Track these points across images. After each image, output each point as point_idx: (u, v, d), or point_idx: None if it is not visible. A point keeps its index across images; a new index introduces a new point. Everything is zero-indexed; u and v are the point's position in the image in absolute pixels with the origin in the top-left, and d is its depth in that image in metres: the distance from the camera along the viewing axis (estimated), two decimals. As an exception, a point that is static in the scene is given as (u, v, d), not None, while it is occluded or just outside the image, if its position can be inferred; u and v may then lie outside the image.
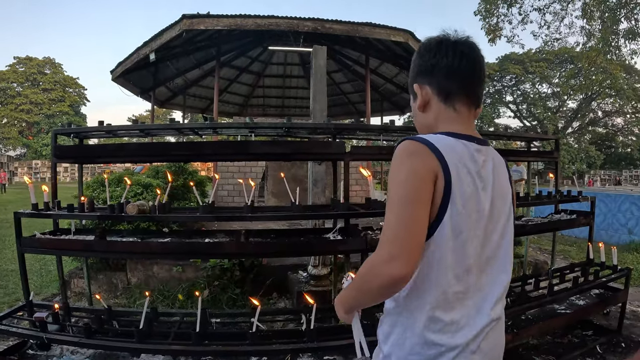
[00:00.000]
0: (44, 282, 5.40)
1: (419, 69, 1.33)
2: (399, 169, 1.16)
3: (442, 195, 1.15)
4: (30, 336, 2.72)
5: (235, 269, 4.51)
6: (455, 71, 1.27)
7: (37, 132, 45.11)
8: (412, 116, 1.41)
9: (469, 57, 1.28)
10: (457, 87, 1.28)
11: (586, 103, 38.93)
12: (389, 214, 1.13)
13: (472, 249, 1.19)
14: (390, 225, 1.12)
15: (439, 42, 1.30)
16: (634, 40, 11.57)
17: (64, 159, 3.45)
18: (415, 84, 1.33)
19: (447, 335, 1.17)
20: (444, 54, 1.27)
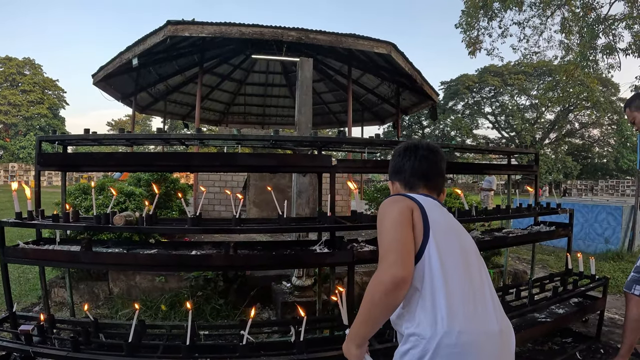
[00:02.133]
0: (22, 290, 5.29)
1: (391, 169, 1.86)
2: (386, 211, 1.58)
3: (422, 221, 1.53)
4: (15, 349, 2.66)
5: (219, 280, 4.49)
6: (416, 170, 1.76)
7: (15, 134, 44.12)
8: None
9: (427, 158, 1.77)
10: (417, 181, 1.76)
11: (563, 115, 39.73)
12: (383, 240, 1.50)
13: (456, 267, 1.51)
14: (384, 245, 1.48)
15: (406, 148, 1.82)
16: (611, 54, 11.89)
17: (48, 167, 3.40)
18: (389, 180, 1.90)
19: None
20: (407, 157, 1.79)
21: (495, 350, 1.42)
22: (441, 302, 1.41)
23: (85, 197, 5.18)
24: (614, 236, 8.55)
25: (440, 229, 1.54)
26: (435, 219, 1.55)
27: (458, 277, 1.46)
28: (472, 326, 1.40)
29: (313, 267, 3.79)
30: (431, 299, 1.42)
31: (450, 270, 1.46)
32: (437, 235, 1.51)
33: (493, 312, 1.46)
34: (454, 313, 1.39)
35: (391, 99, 12.79)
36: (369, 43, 8.82)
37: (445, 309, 1.39)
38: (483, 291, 1.50)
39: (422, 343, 1.39)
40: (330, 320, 3.15)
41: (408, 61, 9.79)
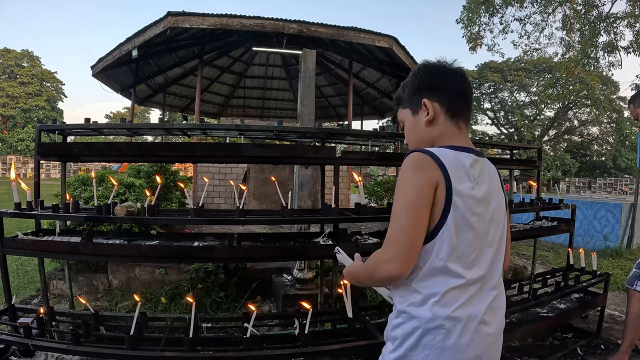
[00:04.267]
0: (21, 283, 5.26)
1: (430, 85, 1.46)
2: (405, 180, 1.34)
3: (444, 200, 1.30)
4: (14, 342, 2.62)
5: (220, 272, 4.46)
6: (463, 94, 1.46)
7: (13, 126, 43.95)
8: (408, 128, 1.55)
9: (469, 84, 1.49)
10: (462, 108, 1.46)
11: (563, 112, 39.70)
12: (393, 220, 1.32)
13: (474, 246, 1.35)
14: (392, 229, 1.31)
15: (449, 67, 1.47)
16: (612, 52, 11.86)
17: (48, 157, 3.36)
18: (424, 99, 1.45)
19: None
20: (453, 78, 1.46)
21: (485, 347, 1.34)
22: (438, 288, 1.30)
23: (85, 188, 5.13)
24: (612, 233, 8.56)
25: (466, 205, 1.32)
26: (463, 192, 1.32)
27: (466, 266, 1.33)
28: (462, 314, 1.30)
29: (317, 259, 3.75)
30: (428, 283, 1.32)
31: (462, 257, 1.32)
32: (458, 217, 1.31)
33: (489, 306, 1.36)
34: (446, 302, 1.29)
35: (391, 93, 12.73)
36: (370, 36, 8.79)
37: (439, 296, 1.29)
38: (490, 285, 1.38)
39: (412, 322, 1.33)
40: (334, 313, 3.13)
41: (409, 55, 9.76)
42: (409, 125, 1.54)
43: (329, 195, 3.34)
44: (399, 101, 1.58)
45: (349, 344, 2.53)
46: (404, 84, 1.55)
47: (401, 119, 1.57)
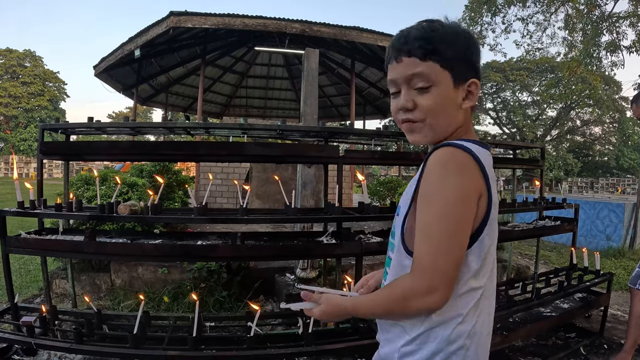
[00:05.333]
0: (23, 282, 5.27)
1: (478, 67, 1.14)
2: (448, 186, 1.02)
3: (484, 213, 1.07)
4: (17, 341, 2.62)
5: (223, 271, 4.46)
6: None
7: (15, 126, 44.03)
8: (440, 96, 1.10)
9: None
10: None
11: (565, 112, 39.63)
12: (430, 238, 1.02)
13: (492, 256, 1.14)
14: (432, 251, 1.01)
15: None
16: (615, 52, 11.84)
17: (51, 156, 3.37)
18: (474, 79, 1.12)
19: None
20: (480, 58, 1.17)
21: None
22: (463, 309, 1.08)
23: (88, 187, 5.13)
24: (615, 233, 8.54)
25: (495, 212, 1.10)
26: (495, 199, 1.10)
27: (481, 275, 1.10)
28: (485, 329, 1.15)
29: (321, 258, 3.75)
30: (453, 305, 1.08)
31: (482, 271, 1.11)
32: (492, 232, 1.10)
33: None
34: (467, 319, 1.10)
35: (393, 93, 12.74)
36: (373, 36, 8.79)
37: (463, 317, 1.08)
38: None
39: (429, 346, 1.09)
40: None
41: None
42: (441, 94, 1.09)
43: (331, 195, 3.34)
44: (432, 49, 1.08)
45: (352, 343, 2.53)
46: (444, 33, 1.10)
47: (431, 79, 1.08)
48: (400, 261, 1.15)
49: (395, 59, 1.12)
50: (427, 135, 1.14)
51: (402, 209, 1.18)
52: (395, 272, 1.17)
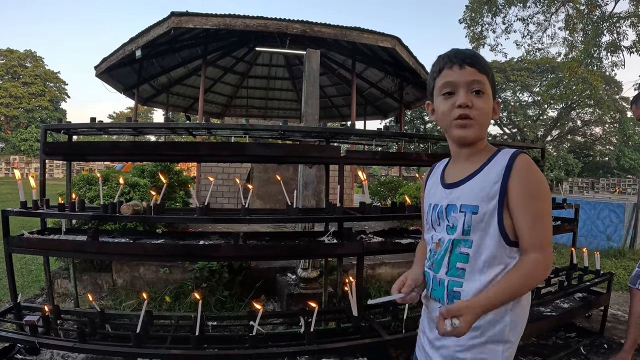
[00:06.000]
0: (25, 282, 5.28)
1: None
2: (545, 182, 1.33)
3: None
4: (20, 340, 2.63)
5: (224, 271, 4.47)
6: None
7: (16, 126, 44.06)
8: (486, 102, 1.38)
9: None
10: None
11: (566, 112, 39.64)
12: (545, 226, 1.30)
13: None
14: (548, 236, 1.30)
15: None
16: (616, 52, 11.85)
17: (53, 156, 3.38)
18: (497, 100, 1.46)
19: None
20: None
21: None
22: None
23: (90, 187, 5.15)
24: (616, 233, 8.54)
25: None
26: None
27: None
28: None
29: (323, 257, 3.75)
30: None
31: None
32: None
33: None
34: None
35: (394, 93, 12.76)
36: (374, 37, 8.80)
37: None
38: None
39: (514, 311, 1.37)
40: (339, 311, 3.14)
41: (412, 55, 9.76)
42: (488, 101, 1.39)
43: (332, 195, 3.36)
44: (486, 68, 1.40)
45: (354, 342, 2.54)
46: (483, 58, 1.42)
47: (484, 88, 1.38)
48: (498, 252, 1.33)
49: (460, 65, 1.36)
50: (475, 132, 1.37)
51: (484, 208, 1.33)
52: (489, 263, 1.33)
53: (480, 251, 1.33)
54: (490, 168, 1.34)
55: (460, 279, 1.36)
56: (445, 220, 1.42)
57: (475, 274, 1.34)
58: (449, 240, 1.39)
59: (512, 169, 1.29)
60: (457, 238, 1.37)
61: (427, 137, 4.08)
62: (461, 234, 1.36)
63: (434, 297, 1.45)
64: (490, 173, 1.33)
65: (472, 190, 1.36)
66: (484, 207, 1.32)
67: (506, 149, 1.36)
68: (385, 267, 4.97)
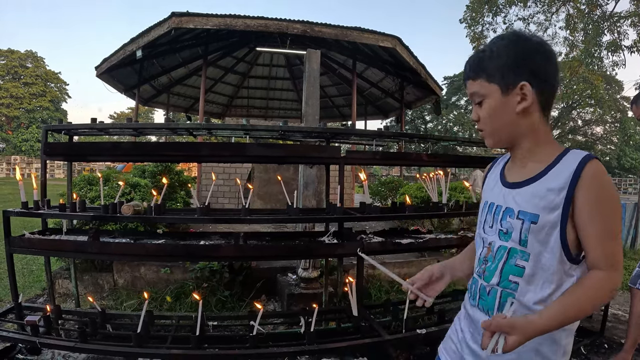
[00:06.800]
0: (26, 282, 5.29)
1: (530, 68, 1.21)
2: (616, 194, 1.19)
3: None
4: (21, 340, 2.64)
5: (225, 271, 4.47)
6: (556, 85, 1.29)
7: (17, 126, 44.14)
8: (492, 108, 1.26)
9: None
10: (552, 101, 1.28)
11: (567, 112, 39.64)
12: (615, 241, 1.17)
13: None
14: (617, 252, 1.16)
15: (550, 50, 1.26)
16: (616, 52, 11.85)
17: (54, 157, 3.39)
18: (524, 82, 1.20)
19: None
20: (554, 64, 1.26)
21: None
22: None
23: (91, 188, 5.15)
24: (616, 233, 8.53)
25: None
26: None
27: None
28: None
29: (323, 257, 3.76)
30: None
31: None
32: None
33: None
34: None
35: (395, 93, 12.75)
36: (374, 36, 8.80)
37: None
38: None
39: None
40: (339, 311, 3.14)
41: (413, 55, 9.76)
42: (493, 106, 1.25)
43: (333, 195, 3.36)
44: (480, 70, 1.26)
45: (354, 341, 2.55)
46: (493, 52, 1.25)
47: (482, 94, 1.26)
48: (559, 268, 1.19)
49: (465, 82, 1.33)
50: (492, 140, 1.30)
51: (545, 218, 1.18)
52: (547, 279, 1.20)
53: (537, 266, 1.20)
54: (556, 172, 1.18)
55: (514, 291, 1.23)
56: (498, 223, 1.29)
57: (530, 289, 1.21)
58: (504, 248, 1.26)
59: (582, 177, 1.13)
60: (514, 247, 1.24)
61: (427, 137, 4.08)
62: (518, 243, 1.23)
63: (481, 308, 1.31)
64: (555, 178, 1.18)
65: (534, 196, 1.20)
66: (545, 216, 1.18)
67: (575, 151, 1.19)
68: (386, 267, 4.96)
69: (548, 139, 1.26)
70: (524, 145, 1.27)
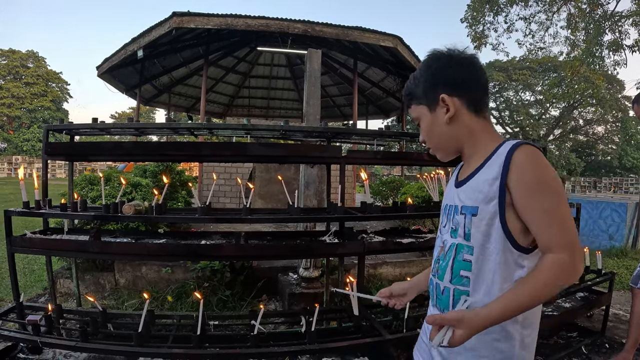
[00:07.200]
0: (27, 281, 5.30)
1: (446, 80, 1.31)
2: (553, 174, 1.19)
3: None
4: (23, 340, 2.64)
5: (226, 271, 4.48)
6: (483, 84, 1.35)
7: (18, 126, 44.17)
8: (427, 125, 1.38)
9: (484, 71, 1.37)
10: (484, 99, 1.35)
11: (568, 111, 39.53)
12: (562, 223, 1.16)
13: None
14: (568, 233, 1.15)
15: (473, 59, 1.34)
16: (617, 51, 11.83)
17: (55, 156, 3.39)
18: (443, 94, 1.30)
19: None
20: (472, 68, 1.33)
21: None
22: None
23: (92, 187, 5.16)
24: (618, 233, 8.52)
25: None
26: None
27: None
28: None
29: (324, 257, 3.76)
30: None
31: None
32: None
33: None
34: None
35: (396, 93, 12.74)
36: (375, 36, 8.80)
37: None
38: None
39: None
40: (340, 311, 3.14)
41: (414, 55, 9.76)
42: (427, 123, 1.37)
43: (334, 195, 3.36)
44: (411, 97, 1.39)
45: (355, 341, 2.55)
46: (415, 78, 1.38)
47: (416, 116, 1.40)
48: (505, 258, 1.21)
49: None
50: (439, 154, 1.42)
51: (484, 210, 1.23)
52: (495, 270, 1.22)
53: (483, 258, 1.23)
54: (490, 164, 1.23)
55: (466, 287, 1.26)
56: (450, 222, 1.34)
57: (481, 283, 1.23)
58: (452, 245, 1.31)
59: (511, 164, 1.17)
60: (460, 243, 1.28)
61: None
62: (463, 238, 1.27)
63: (438, 307, 1.36)
64: (489, 170, 1.22)
65: (474, 190, 1.25)
66: (484, 208, 1.22)
67: (509, 141, 1.23)
68: (387, 266, 4.98)
69: (487, 135, 1.32)
70: (467, 147, 1.35)
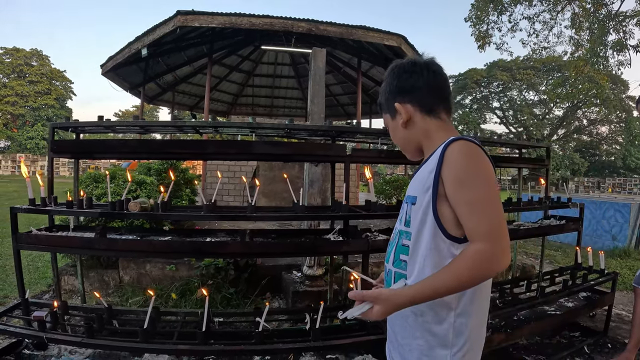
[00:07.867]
0: (32, 278, 5.33)
1: (398, 89, 1.45)
2: (481, 166, 1.25)
3: None
4: (28, 336, 2.66)
5: (230, 268, 4.50)
6: (432, 87, 1.42)
7: (22, 124, 44.34)
8: (392, 131, 1.52)
9: (440, 74, 1.44)
10: (436, 101, 1.42)
11: (572, 111, 39.46)
12: (490, 208, 1.21)
13: None
14: (493, 222, 1.20)
15: (414, 64, 1.44)
16: (622, 51, 11.79)
17: (61, 154, 3.40)
18: (396, 103, 1.44)
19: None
20: (420, 73, 1.41)
21: None
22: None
23: (97, 185, 5.18)
24: (621, 233, 8.52)
25: None
26: None
27: None
28: None
29: (329, 255, 3.77)
30: None
31: None
32: None
33: None
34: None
35: (400, 92, 12.73)
36: (379, 35, 8.81)
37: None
38: None
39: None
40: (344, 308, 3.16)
41: (418, 54, 9.74)
42: (391, 129, 1.51)
43: (338, 193, 3.37)
44: (380, 107, 1.56)
45: (359, 338, 2.56)
46: (380, 90, 1.54)
47: (385, 124, 1.55)
48: (436, 245, 1.28)
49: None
50: (407, 155, 1.53)
51: (421, 199, 1.32)
52: (426, 256, 1.30)
53: (418, 244, 1.32)
54: (432, 157, 1.33)
55: (404, 271, 1.36)
56: (402, 212, 1.44)
57: (415, 267, 1.32)
58: (397, 231, 1.43)
59: (445, 156, 1.26)
60: (402, 229, 1.40)
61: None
62: (404, 224, 1.39)
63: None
64: (430, 163, 1.33)
65: (418, 181, 1.36)
66: (421, 197, 1.32)
67: (452, 137, 1.31)
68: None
69: (443, 133, 1.39)
70: (425, 146, 1.44)
